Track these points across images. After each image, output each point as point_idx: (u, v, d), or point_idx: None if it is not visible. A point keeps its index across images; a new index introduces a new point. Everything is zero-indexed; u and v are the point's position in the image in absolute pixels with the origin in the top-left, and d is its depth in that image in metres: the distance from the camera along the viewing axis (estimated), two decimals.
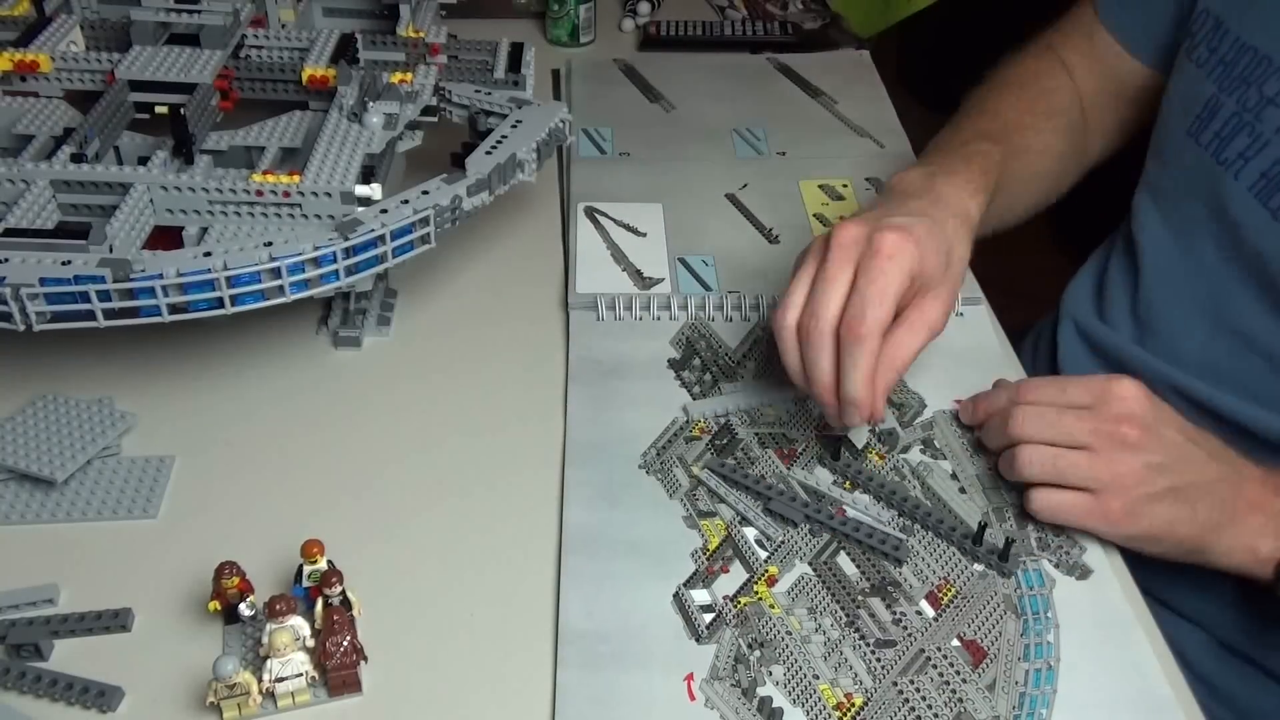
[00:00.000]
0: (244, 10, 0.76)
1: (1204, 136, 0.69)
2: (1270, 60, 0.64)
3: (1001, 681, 0.53)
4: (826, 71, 1.05)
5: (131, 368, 0.69)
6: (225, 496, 0.62)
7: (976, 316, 0.75)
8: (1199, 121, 0.69)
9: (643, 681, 0.53)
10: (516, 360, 0.72)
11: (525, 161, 0.70)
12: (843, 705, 0.52)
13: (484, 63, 0.82)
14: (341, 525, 0.59)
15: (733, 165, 0.90)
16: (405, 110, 0.72)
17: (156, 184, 0.63)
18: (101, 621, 0.54)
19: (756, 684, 0.52)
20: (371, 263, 0.62)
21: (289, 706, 0.51)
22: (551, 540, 0.60)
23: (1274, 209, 0.64)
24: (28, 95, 0.72)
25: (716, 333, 0.73)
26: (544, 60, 1.04)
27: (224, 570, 0.53)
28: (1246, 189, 0.66)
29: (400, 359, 0.72)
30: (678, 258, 0.79)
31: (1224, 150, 0.67)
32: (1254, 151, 0.65)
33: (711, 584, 0.57)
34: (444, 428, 0.67)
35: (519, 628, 0.56)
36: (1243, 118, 0.66)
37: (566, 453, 0.65)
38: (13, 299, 0.55)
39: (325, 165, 0.64)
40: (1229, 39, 0.67)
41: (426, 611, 0.56)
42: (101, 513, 0.60)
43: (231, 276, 0.57)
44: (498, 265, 0.81)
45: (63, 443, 0.62)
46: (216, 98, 0.71)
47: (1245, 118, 0.66)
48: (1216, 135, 0.68)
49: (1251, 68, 0.65)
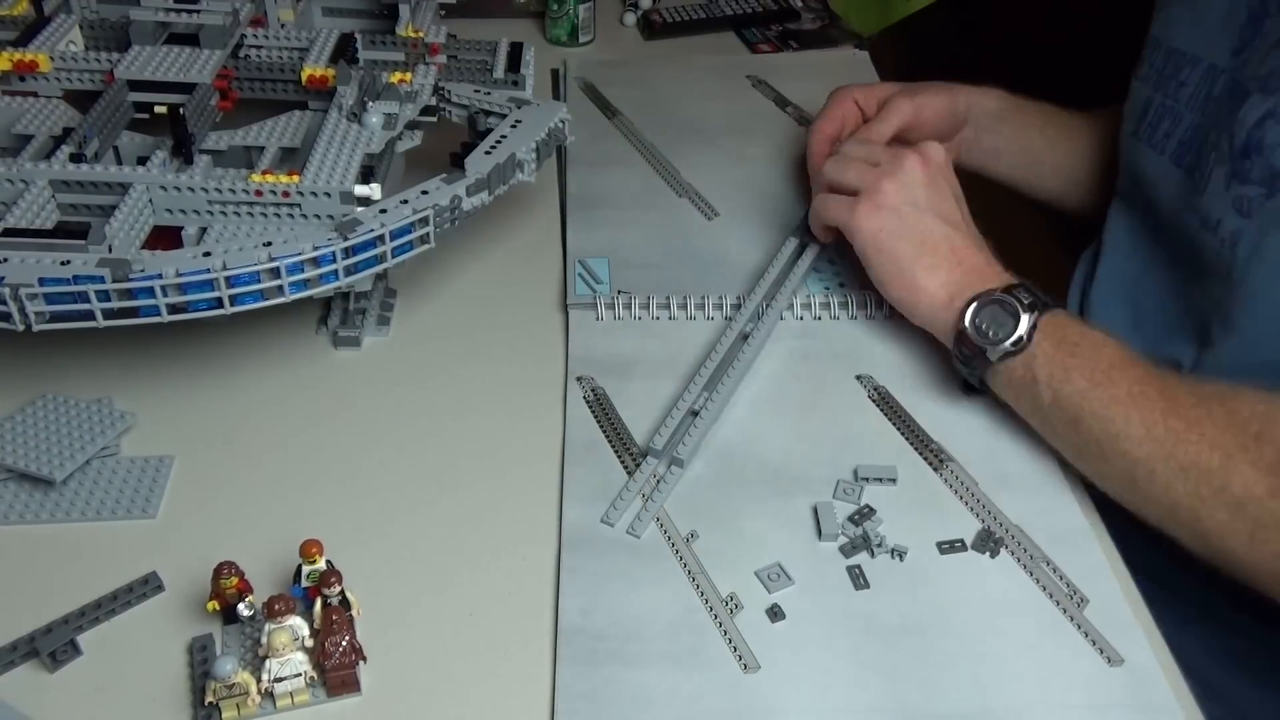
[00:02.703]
0: (243, 10, 0.76)
1: (1141, 131, 0.75)
2: (1184, 54, 0.73)
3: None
4: (824, 71, 1.05)
5: (131, 368, 0.69)
6: (224, 496, 0.62)
7: None
8: (1137, 122, 0.76)
9: (642, 679, 0.53)
10: (516, 360, 0.72)
11: (524, 161, 0.70)
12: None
13: (483, 62, 0.82)
14: (340, 525, 0.59)
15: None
16: (405, 110, 0.72)
17: (156, 184, 0.63)
18: (134, 594, 0.56)
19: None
20: (371, 263, 0.62)
21: (288, 706, 0.51)
22: (551, 539, 0.60)
23: (1186, 168, 0.70)
24: (27, 95, 0.72)
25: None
26: (543, 60, 1.04)
27: (223, 570, 0.53)
28: (1168, 160, 0.72)
29: (400, 359, 0.72)
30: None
31: (1154, 135, 0.74)
32: (1173, 128, 0.73)
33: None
34: (443, 427, 0.67)
35: (518, 627, 0.56)
36: (1165, 104, 0.74)
37: (566, 452, 0.65)
38: (12, 299, 0.55)
39: (324, 165, 0.64)
40: (1162, 50, 0.75)
41: (425, 611, 0.56)
42: (100, 513, 0.60)
43: (231, 276, 0.57)
44: (497, 265, 0.81)
45: (62, 442, 0.62)
46: (216, 97, 0.71)
47: (1167, 104, 0.74)
48: (1149, 126, 0.75)
49: (1175, 65, 0.74)
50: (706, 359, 0.69)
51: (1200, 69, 0.71)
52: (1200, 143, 0.69)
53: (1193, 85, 0.72)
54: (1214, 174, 0.66)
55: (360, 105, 0.71)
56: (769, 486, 0.63)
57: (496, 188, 0.68)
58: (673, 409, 0.65)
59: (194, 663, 0.53)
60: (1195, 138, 0.70)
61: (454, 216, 0.66)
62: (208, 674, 0.50)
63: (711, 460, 0.64)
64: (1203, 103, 0.70)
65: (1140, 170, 0.76)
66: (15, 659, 0.53)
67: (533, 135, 0.71)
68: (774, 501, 0.62)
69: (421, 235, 0.64)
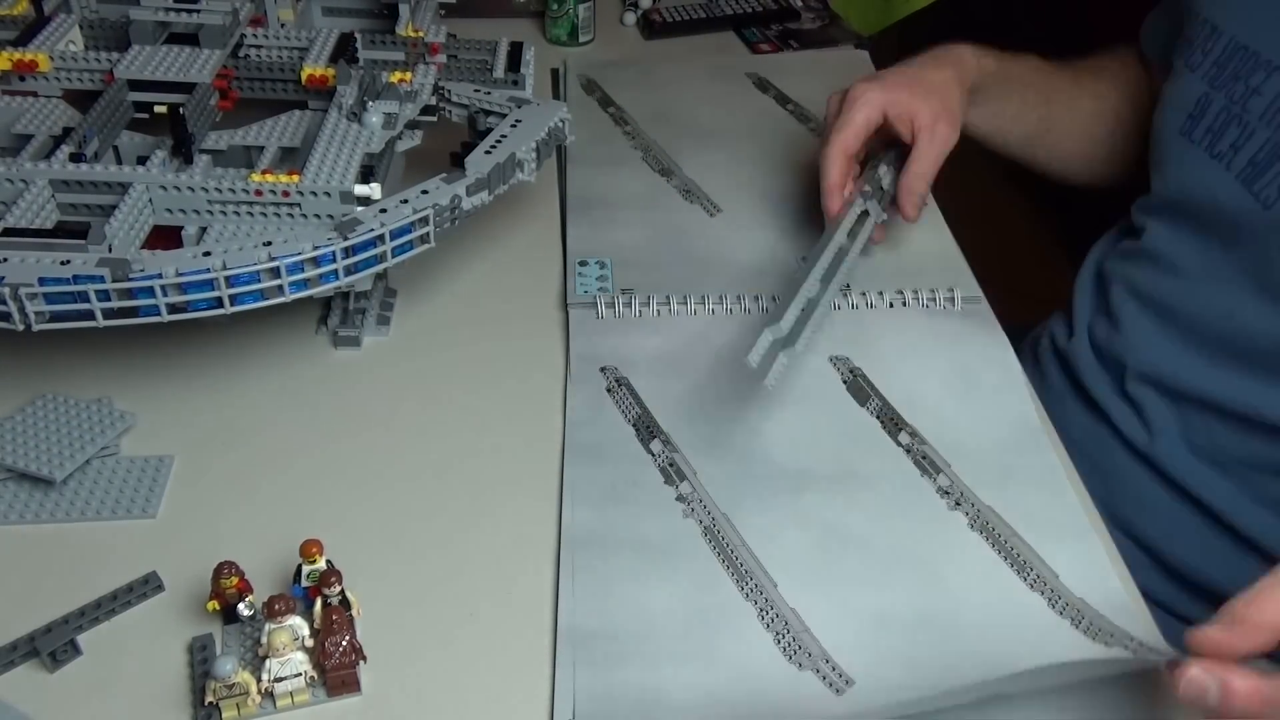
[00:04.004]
0: (243, 9, 0.76)
1: (1196, 133, 0.71)
2: (1258, 56, 0.67)
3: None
4: (825, 71, 1.05)
5: (131, 367, 0.69)
6: (224, 496, 0.62)
7: (977, 315, 0.75)
8: (1190, 120, 0.72)
9: (642, 678, 0.53)
10: (516, 360, 0.72)
11: (525, 161, 0.70)
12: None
13: (483, 62, 0.82)
14: (341, 525, 0.59)
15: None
16: (404, 110, 0.72)
17: (155, 183, 0.63)
18: (134, 594, 0.55)
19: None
20: (371, 262, 0.62)
21: (288, 706, 0.51)
22: (551, 539, 0.60)
23: (1257, 193, 0.66)
24: (26, 95, 0.71)
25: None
26: (543, 60, 1.04)
27: (223, 570, 0.53)
28: (1235, 178, 0.68)
29: (400, 359, 0.72)
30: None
31: (1216, 144, 0.69)
32: (1243, 140, 0.68)
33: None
34: (443, 427, 0.67)
35: (518, 627, 0.56)
36: (1231, 110, 0.69)
37: (566, 451, 0.65)
38: (12, 299, 0.55)
39: (324, 165, 0.64)
40: (1223, 40, 0.70)
41: (426, 611, 0.56)
42: (100, 512, 0.60)
43: (230, 276, 0.57)
44: (497, 265, 0.80)
45: (62, 442, 0.62)
46: (215, 97, 0.71)
47: (1234, 110, 0.68)
48: (1209, 130, 0.70)
49: (1241, 64, 0.68)
50: (818, 254, 0.68)
51: (1279, 79, 0.66)
52: (1278, 169, 0.65)
53: (1270, 96, 0.66)
54: None
55: (360, 105, 0.71)
56: (774, 483, 0.63)
57: (496, 187, 0.68)
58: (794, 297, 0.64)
59: (194, 663, 0.53)
60: (1273, 160, 0.65)
61: (454, 216, 0.66)
62: (208, 674, 0.50)
63: (721, 458, 0.64)
64: None
65: (1194, 179, 0.71)
66: (15, 659, 0.53)
67: (533, 135, 0.71)
68: (783, 497, 0.62)
69: (421, 235, 0.64)
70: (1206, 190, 0.70)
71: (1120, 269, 0.79)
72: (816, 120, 0.97)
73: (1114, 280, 0.79)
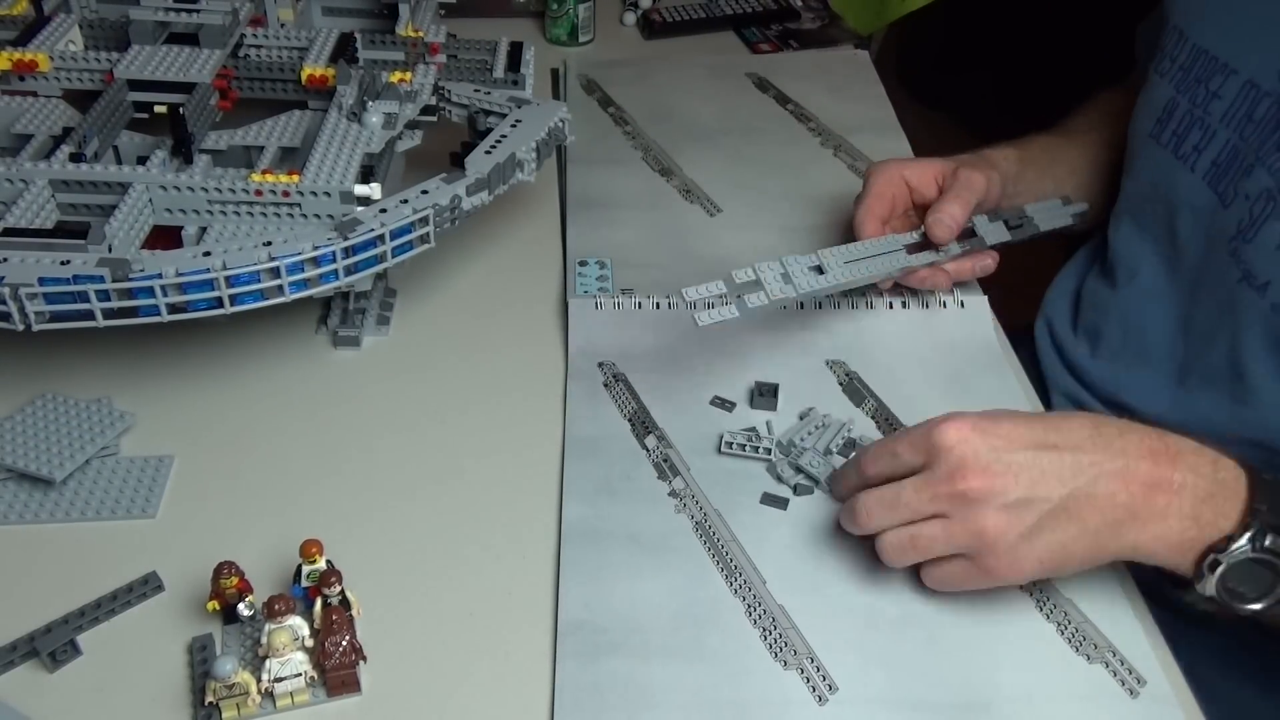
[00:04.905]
0: (243, 9, 0.76)
1: (1164, 136, 0.72)
2: (1218, 60, 0.69)
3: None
4: (825, 71, 1.05)
5: (130, 367, 0.69)
6: (224, 496, 0.62)
7: (977, 309, 0.75)
8: (1159, 124, 0.73)
9: (642, 671, 0.53)
10: (515, 359, 0.72)
11: (524, 161, 0.70)
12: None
13: (483, 62, 0.82)
14: (340, 525, 0.59)
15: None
16: (404, 110, 0.72)
17: (155, 183, 0.63)
18: (134, 594, 0.56)
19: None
20: (371, 262, 0.62)
21: (288, 706, 0.51)
22: (551, 536, 0.60)
23: (1221, 193, 0.67)
24: (26, 95, 0.72)
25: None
26: (543, 60, 1.04)
27: (223, 570, 0.53)
28: (1200, 178, 0.69)
29: (400, 358, 0.72)
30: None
31: (1181, 145, 0.71)
32: (1205, 142, 0.69)
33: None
34: (443, 427, 0.67)
35: (518, 625, 0.56)
36: (1194, 113, 0.70)
37: (566, 446, 0.65)
38: (12, 299, 0.55)
39: (324, 165, 0.64)
40: (1187, 46, 0.71)
41: (425, 610, 0.56)
42: (100, 512, 0.60)
43: (230, 276, 0.57)
44: (497, 265, 0.81)
45: (61, 442, 0.62)
46: (215, 97, 0.71)
47: (1196, 113, 0.70)
48: (1174, 133, 0.72)
49: (1203, 68, 0.70)
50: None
51: (1237, 83, 0.67)
52: (1238, 170, 0.66)
53: (1228, 100, 0.67)
54: (1265, 228, 0.62)
55: (360, 105, 0.71)
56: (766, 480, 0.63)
57: (496, 187, 0.68)
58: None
59: (194, 663, 0.53)
60: (1233, 161, 0.66)
61: (454, 216, 0.66)
62: (208, 674, 0.50)
63: (714, 456, 0.64)
64: (1241, 124, 0.66)
65: (1161, 178, 0.72)
66: (15, 659, 0.53)
67: (533, 135, 0.71)
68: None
69: (421, 235, 0.64)
70: (1172, 188, 0.71)
71: (1091, 285, 0.80)
72: (816, 120, 0.97)
73: (1087, 294, 0.80)
